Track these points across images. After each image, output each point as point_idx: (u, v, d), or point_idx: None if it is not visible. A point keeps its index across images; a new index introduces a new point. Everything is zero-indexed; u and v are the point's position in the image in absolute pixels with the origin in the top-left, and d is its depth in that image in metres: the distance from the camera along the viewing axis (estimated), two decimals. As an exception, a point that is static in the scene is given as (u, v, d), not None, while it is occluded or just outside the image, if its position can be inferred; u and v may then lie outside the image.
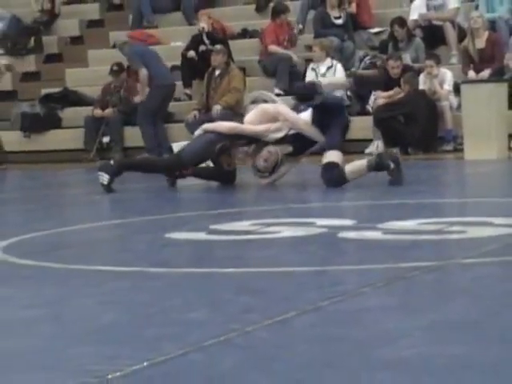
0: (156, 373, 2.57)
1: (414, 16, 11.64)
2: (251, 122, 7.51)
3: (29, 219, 6.69)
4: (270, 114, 7.47)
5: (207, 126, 7.71)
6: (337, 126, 7.30)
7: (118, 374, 2.53)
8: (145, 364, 2.59)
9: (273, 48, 12.04)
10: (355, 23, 12.29)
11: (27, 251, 4.81)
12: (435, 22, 11.69)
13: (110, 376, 2.50)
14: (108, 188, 7.38)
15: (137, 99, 12.10)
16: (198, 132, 7.72)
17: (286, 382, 2.46)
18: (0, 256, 4.62)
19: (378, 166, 7.06)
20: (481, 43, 10.71)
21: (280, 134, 7.39)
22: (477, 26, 10.64)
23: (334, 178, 7.10)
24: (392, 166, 6.97)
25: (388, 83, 10.68)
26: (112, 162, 7.70)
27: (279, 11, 12.24)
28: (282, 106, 7.67)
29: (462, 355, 2.58)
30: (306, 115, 7.39)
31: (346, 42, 12.02)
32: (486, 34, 10.75)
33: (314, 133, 7.32)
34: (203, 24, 12.41)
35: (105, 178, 7.37)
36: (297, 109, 7.68)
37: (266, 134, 7.40)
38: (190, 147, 7.57)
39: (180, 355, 2.67)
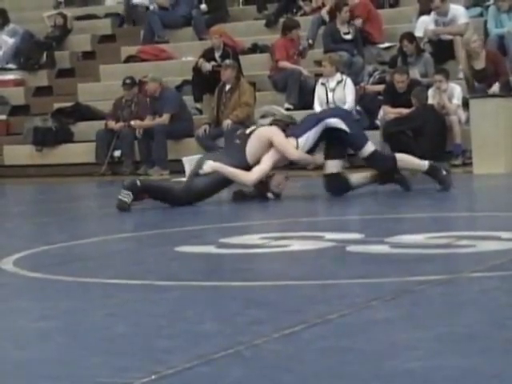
0: (165, 385, 2.59)
1: (419, 33, 11.63)
2: (254, 153, 7.48)
3: (40, 232, 6.73)
4: (266, 141, 7.53)
5: (223, 169, 7.39)
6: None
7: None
8: (153, 377, 2.62)
9: (283, 63, 12.08)
10: (365, 38, 12.32)
11: (38, 264, 4.85)
12: (444, 37, 11.71)
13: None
14: (127, 207, 7.19)
15: (148, 120, 12.04)
16: (207, 168, 7.42)
17: (293, 393, 2.49)
18: (11, 269, 4.66)
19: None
20: (480, 63, 10.67)
21: (285, 162, 7.57)
22: (477, 50, 10.61)
23: (338, 187, 7.32)
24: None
25: (394, 98, 10.70)
26: (138, 182, 7.53)
27: (291, 27, 12.28)
28: (276, 135, 7.59)
29: (467, 368, 2.60)
30: (302, 141, 7.48)
31: (355, 57, 12.05)
32: (484, 53, 10.71)
33: (307, 159, 7.57)
34: (215, 41, 12.48)
35: (129, 196, 7.21)
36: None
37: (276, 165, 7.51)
38: (200, 183, 7.41)
39: (188, 368, 2.70)
